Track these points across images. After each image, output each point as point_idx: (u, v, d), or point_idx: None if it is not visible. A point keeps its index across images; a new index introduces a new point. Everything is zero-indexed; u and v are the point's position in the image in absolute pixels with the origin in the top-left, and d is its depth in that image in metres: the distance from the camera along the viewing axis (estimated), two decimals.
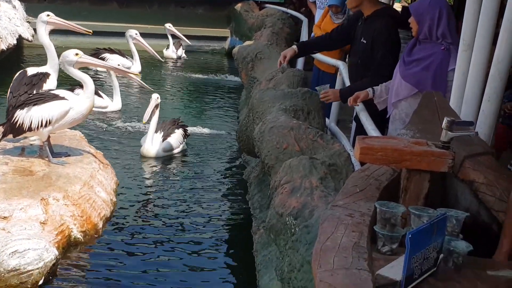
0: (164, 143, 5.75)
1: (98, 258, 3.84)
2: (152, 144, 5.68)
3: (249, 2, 11.95)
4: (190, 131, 6.32)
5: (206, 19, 12.46)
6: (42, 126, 4.27)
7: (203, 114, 7.73)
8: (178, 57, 11.10)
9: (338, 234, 1.68)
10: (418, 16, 3.10)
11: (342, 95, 3.88)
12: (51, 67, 4.94)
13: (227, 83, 9.70)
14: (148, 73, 9.47)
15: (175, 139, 5.86)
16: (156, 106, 5.76)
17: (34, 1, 11.32)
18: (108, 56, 9.10)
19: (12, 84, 4.94)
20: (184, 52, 11.31)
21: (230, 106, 8.23)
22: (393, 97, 3.25)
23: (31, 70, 4.99)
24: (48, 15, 5.03)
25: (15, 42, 9.40)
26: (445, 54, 3.06)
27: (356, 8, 3.97)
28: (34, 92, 4.67)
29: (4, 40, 8.85)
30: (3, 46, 8.74)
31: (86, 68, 4.51)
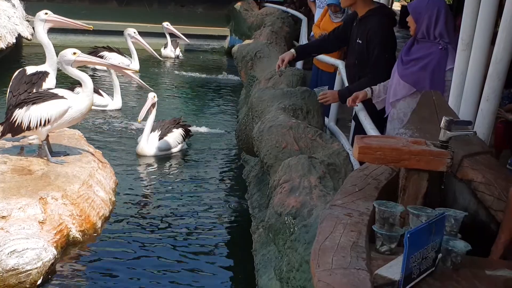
0: (160, 142, 5.75)
1: (97, 257, 3.84)
2: (147, 143, 5.67)
3: (248, 1, 11.95)
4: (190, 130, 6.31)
5: (206, 18, 12.47)
6: (40, 125, 4.26)
7: (203, 113, 7.73)
8: (176, 56, 11.08)
9: (337, 234, 1.68)
10: (416, 15, 3.11)
11: (340, 96, 3.88)
12: (50, 66, 4.94)
13: (227, 82, 9.70)
14: (147, 72, 9.47)
15: (173, 139, 5.85)
16: (152, 105, 5.76)
17: None
18: (106, 54, 9.09)
19: (11, 83, 4.94)
20: (180, 51, 11.28)
21: (230, 105, 8.23)
22: (391, 96, 3.25)
23: (30, 69, 4.99)
24: (46, 13, 5.02)
25: (15, 40, 9.40)
26: (442, 53, 3.06)
27: (350, 7, 3.97)
28: (34, 91, 4.67)
29: (3, 38, 8.84)
30: (2, 45, 8.73)
31: (84, 67, 4.51)
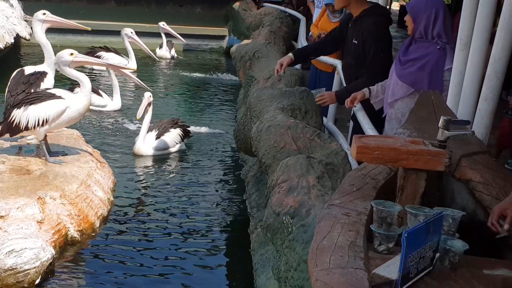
0: (157, 142, 5.74)
1: (95, 257, 3.83)
2: (143, 142, 5.67)
3: (247, 1, 11.95)
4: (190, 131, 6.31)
5: (204, 18, 12.46)
6: (39, 125, 4.26)
7: (201, 113, 7.72)
8: (171, 56, 11.06)
9: (335, 233, 1.68)
10: (414, 14, 3.10)
11: (338, 97, 3.88)
12: (48, 66, 4.94)
13: (225, 82, 9.69)
14: (144, 72, 9.46)
15: (170, 138, 5.84)
16: (148, 104, 5.75)
17: None
18: (103, 54, 9.07)
19: (9, 83, 4.94)
20: (175, 52, 11.24)
21: (228, 105, 8.22)
22: (389, 96, 3.24)
23: (29, 69, 4.99)
24: (44, 14, 5.02)
25: (13, 40, 9.38)
26: (441, 53, 3.06)
27: (344, 8, 3.98)
28: (32, 91, 4.67)
29: (1, 38, 8.83)
30: (1, 45, 8.72)
31: (82, 67, 4.51)
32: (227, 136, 6.60)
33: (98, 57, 8.47)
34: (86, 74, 4.67)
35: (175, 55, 11.13)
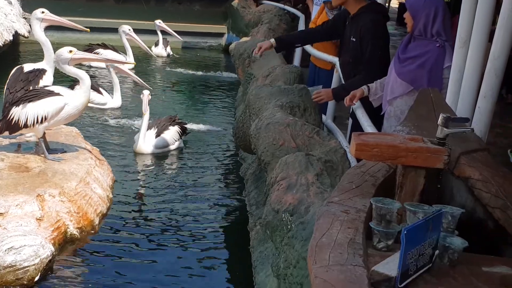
0: (157, 140, 5.74)
1: (94, 254, 3.84)
2: (144, 141, 5.67)
3: None
4: (187, 128, 6.31)
5: (203, 16, 12.43)
6: (37, 122, 4.26)
7: (200, 111, 7.72)
8: (167, 54, 11.04)
9: (334, 231, 1.68)
10: (414, 12, 3.10)
11: (335, 95, 3.88)
12: (48, 63, 4.93)
13: (224, 80, 9.69)
14: (142, 70, 9.44)
15: (170, 136, 5.84)
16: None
17: None
18: (101, 51, 9.05)
19: (8, 80, 4.93)
20: (171, 49, 11.20)
21: (227, 103, 8.22)
22: (388, 94, 3.24)
23: (28, 67, 4.98)
24: (42, 12, 5.00)
25: (11, 38, 9.37)
26: (440, 51, 3.06)
27: (341, 5, 3.99)
28: (31, 88, 4.66)
29: (0, 36, 8.81)
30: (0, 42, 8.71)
31: (79, 64, 4.52)
32: (226, 133, 6.60)
33: (96, 54, 8.45)
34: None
35: (171, 53, 11.11)
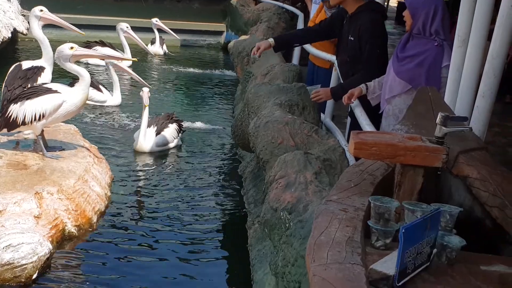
0: (157, 138, 5.74)
1: (92, 252, 3.83)
2: (145, 139, 5.66)
3: None
4: (186, 126, 6.31)
5: (202, 13, 12.43)
6: (35, 120, 4.26)
7: (199, 109, 7.72)
8: (164, 52, 11.03)
9: (332, 229, 1.68)
10: (413, 10, 3.10)
11: (333, 94, 3.88)
12: (46, 61, 4.92)
13: (223, 78, 9.68)
14: (140, 68, 9.43)
15: (169, 134, 5.84)
16: None
17: None
18: (99, 49, 9.03)
19: (6, 77, 4.93)
20: (166, 47, 11.19)
21: (226, 101, 8.22)
22: (386, 93, 3.25)
23: (26, 64, 4.97)
24: (41, 10, 4.99)
25: (10, 35, 9.35)
26: (438, 50, 3.06)
27: (340, 4, 3.98)
28: (29, 85, 4.66)
29: None
30: None
31: (77, 61, 4.52)
32: (225, 132, 6.60)
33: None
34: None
35: (167, 51, 11.10)
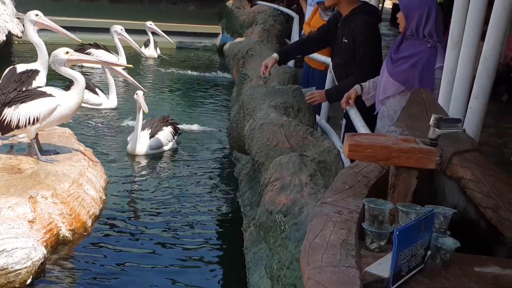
0: (151, 141, 5.72)
1: (87, 256, 3.82)
2: (138, 142, 5.64)
3: None
4: (181, 129, 6.30)
5: (198, 16, 12.44)
6: (30, 123, 4.24)
7: (194, 111, 7.71)
8: (158, 55, 11.03)
9: (327, 231, 1.68)
10: (407, 11, 3.10)
11: (328, 96, 3.88)
12: (41, 64, 4.91)
13: (218, 80, 9.68)
14: (136, 71, 9.41)
15: (164, 137, 5.83)
16: None
17: None
18: (93, 51, 9.01)
19: (1, 81, 4.92)
20: (160, 50, 11.18)
21: (221, 103, 8.21)
22: (380, 94, 3.25)
23: (21, 67, 4.96)
24: (36, 15, 4.98)
25: (5, 38, 9.33)
26: (432, 51, 3.06)
27: (334, 6, 3.98)
28: (24, 89, 4.64)
29: None
30: None
31: (73, 65, 4.53)
32: (220, 134, 6.60)
33: (88, 54, 8.42)
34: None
35: (160, 54, 11.10)
